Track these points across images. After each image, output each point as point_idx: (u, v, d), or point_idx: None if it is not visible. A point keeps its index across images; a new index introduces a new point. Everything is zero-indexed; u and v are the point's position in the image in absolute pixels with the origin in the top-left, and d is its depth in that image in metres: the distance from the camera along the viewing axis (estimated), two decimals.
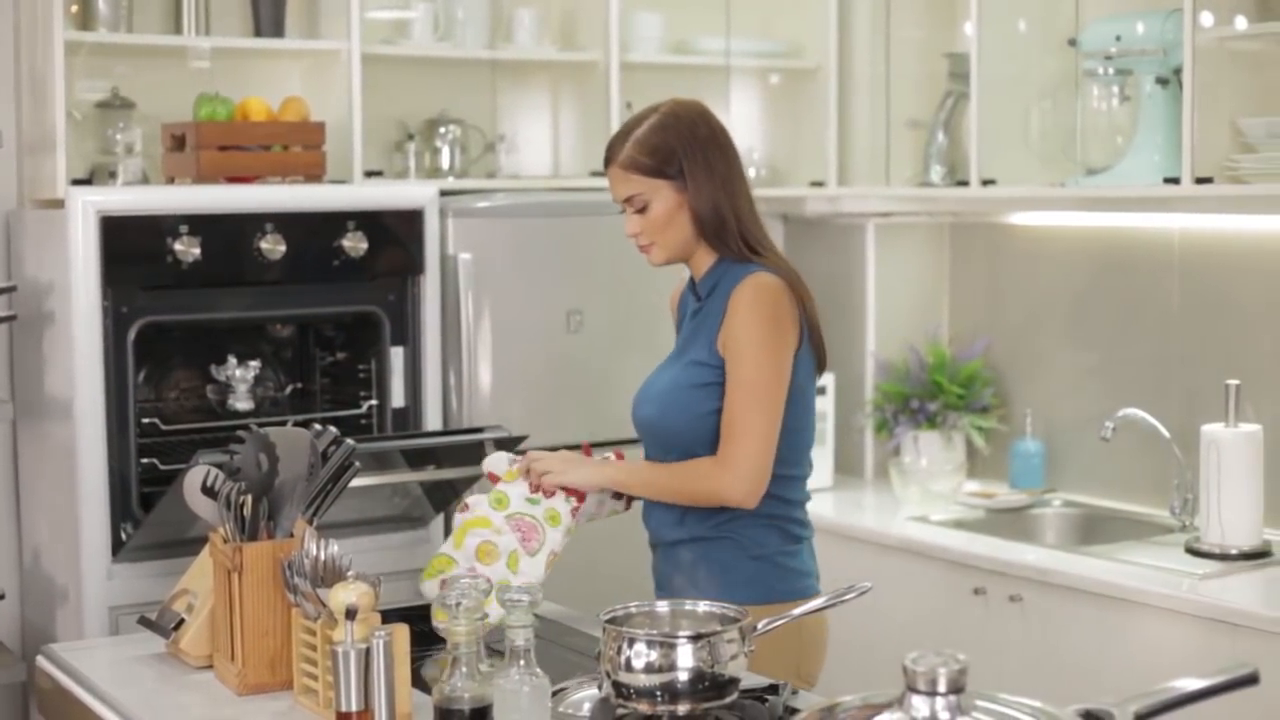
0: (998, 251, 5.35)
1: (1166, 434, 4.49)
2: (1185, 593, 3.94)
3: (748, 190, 3.31)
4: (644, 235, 3.28)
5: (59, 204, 4.10)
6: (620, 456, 3.36)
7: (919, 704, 1.97)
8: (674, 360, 3.36)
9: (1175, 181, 4.33)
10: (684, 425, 3.23)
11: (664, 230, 3.25)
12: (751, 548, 3.26)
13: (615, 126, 5.05)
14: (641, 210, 3.26)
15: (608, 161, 3.29)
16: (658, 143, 3.23)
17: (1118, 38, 4.53)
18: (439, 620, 2.89)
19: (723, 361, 3.20)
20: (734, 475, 3.17)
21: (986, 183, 4.86)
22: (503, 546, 3.15)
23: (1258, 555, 4.18)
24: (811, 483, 5.31)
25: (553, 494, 3.22)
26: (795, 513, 3.33)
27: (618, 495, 3.33)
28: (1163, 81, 4.45)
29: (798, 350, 3.23)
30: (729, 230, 3.25)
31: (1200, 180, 4.27)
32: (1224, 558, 4.17)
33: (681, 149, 3.22)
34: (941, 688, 1.96)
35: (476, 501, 3.24)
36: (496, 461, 3.30)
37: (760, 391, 3.17)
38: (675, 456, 3.25)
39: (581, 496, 3.24)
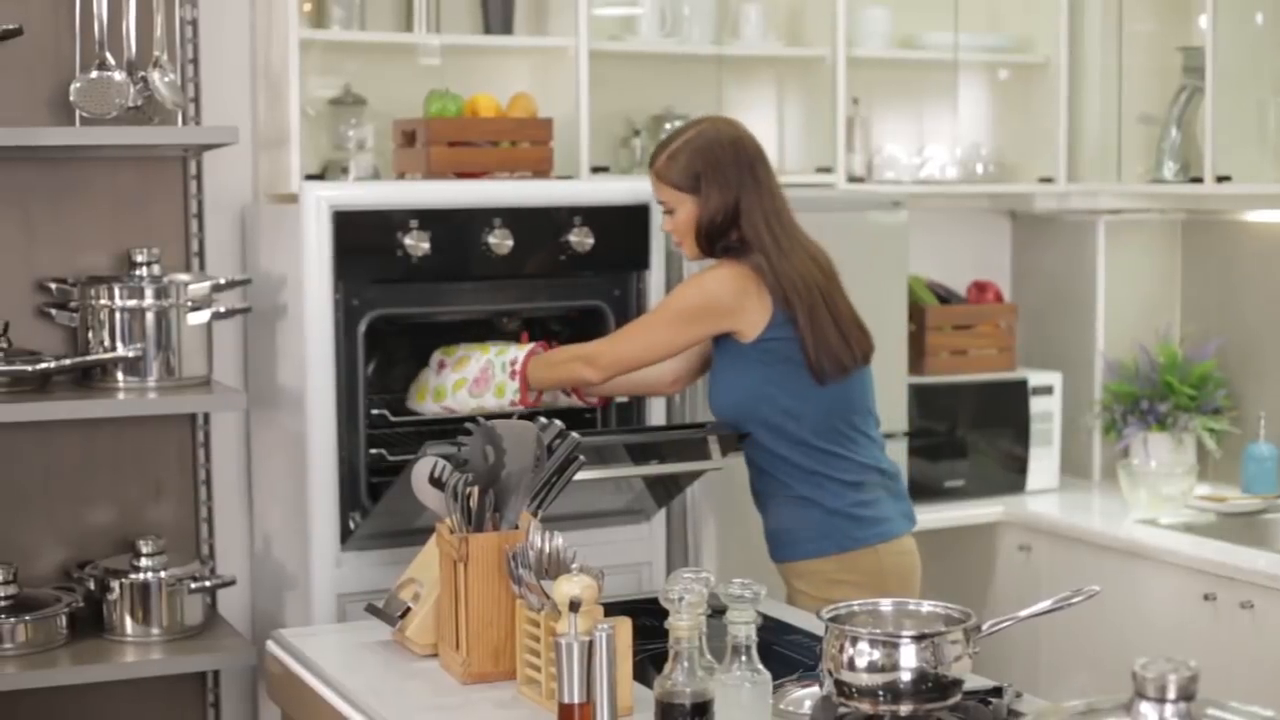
0: (1232, 250, 5.24)
1: None
2: None
3: (768, 203, 3.75)
4: (675, 235, 3.80)
5: (293, 199, 4.18)
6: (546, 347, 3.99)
7: (1148, 710, 1.94)
8: None
9: None
10: (733, 403, 3.78)
11: (687, 234, 3.76)
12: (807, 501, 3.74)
13: (842, 123, 5.07)
14: (671, 213, 3.77)
15: (649, 168, 3.83)
16: (685, 161, 3.72)
17: None
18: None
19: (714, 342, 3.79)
20: (596, 355, 3.83)
21: (1221, 179, 4.76)
22: (469, 370, 3.99)
23: None
24: (1038, 483, 5.26)
25: (514, 377, 3.90)
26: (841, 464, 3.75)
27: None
28: None
29: (765, 331, 3.67)
30: (715, 241, 3.74)
31: None
32: None
33: (703, 167, 3.71)
34: (1171, 694, 1.93)
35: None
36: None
37: (653, 318, 3.82)
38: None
39: (524, 389, 3.91)
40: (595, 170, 4.78)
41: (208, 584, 4.19)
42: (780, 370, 3.68)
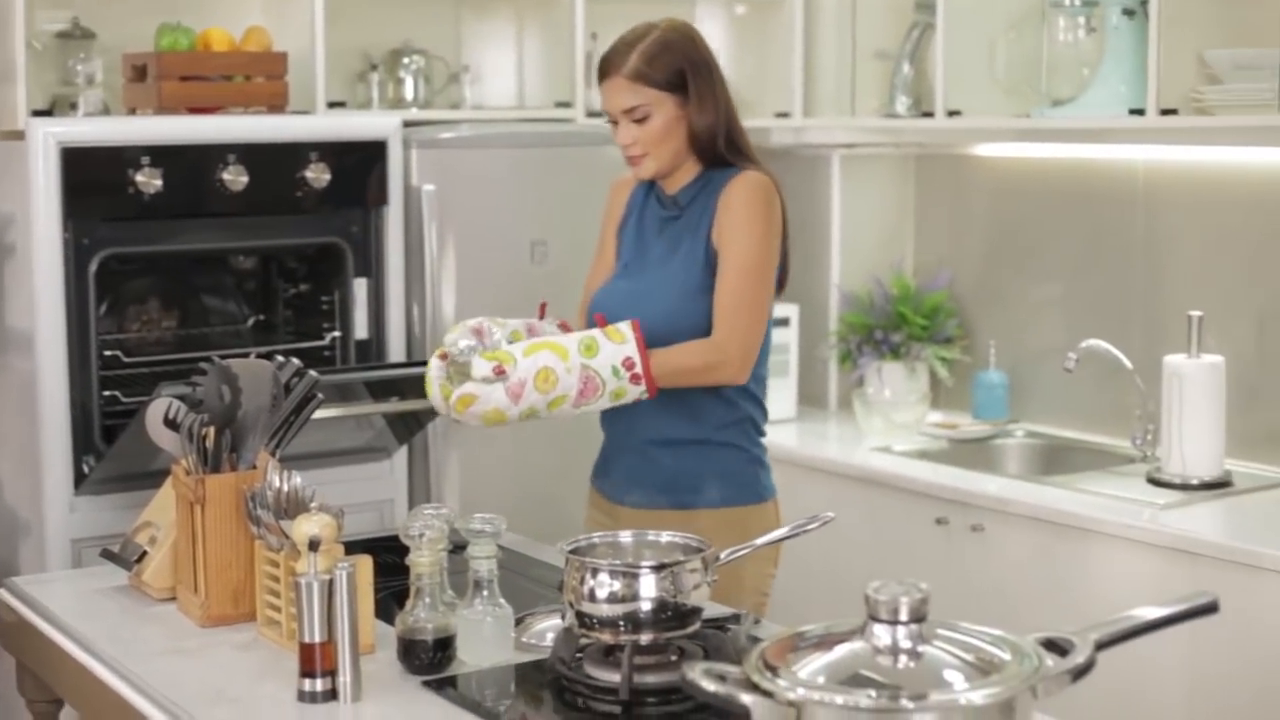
0: (963, 183, 5.35)
1: (1129, 365, 4.51)
2: (1146, 522, 3.96)
3: (734, 105, 3.44)
4: (639, 146, 3.36)
5: (19, 135, 4.07)
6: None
7: (881, 633, 1.99)
8: (659, 265, 3.41)
9: (1140, 113, 4.33)
10: (697, 332, 3.31)
11: (661, 143, 3.36)
12: (749, 449, 3.43)
13: (580, 57, 5.05)
14: (640, 121, 3.34)
15: (608, 72, 3.37)
16: (667, 58, 3.34)
17: None
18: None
19: (716, 256, 3.32)
20: (735, 353, 3.27)
21: (952, 114, 4.85)
22: (562, 386, 3.14)
23: (1218, 485, 4.21)
24: (775, 414, 5.35)
25: (637, 380, 3.19)
26: (761, 413, 3.48)
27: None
28: (1129, 13, 4.45)
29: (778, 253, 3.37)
30: (719, 144, 3.38)
31: (1165, 112, 4.27)
32: (1185, 488, 4.20)
33: (687, 65, 3.35)
34: (903, 616, 1.98)
35: (568, 331, 3.36)
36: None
37: (756, 274, 3.30)
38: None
39: (653, 390, 3.22)
40: (332, 105, 4.72)
41: None
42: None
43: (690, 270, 3.34)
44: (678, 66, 3.34)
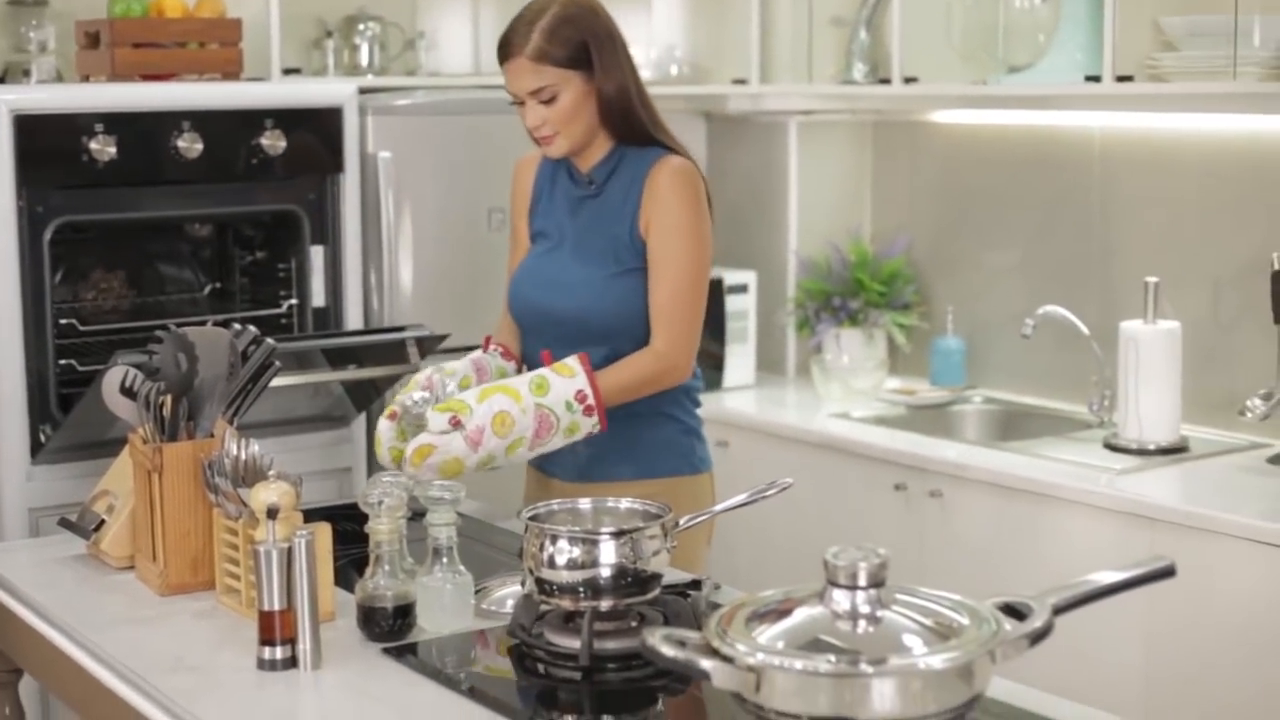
0: (920, 149, 5.35)
1: (1086, 331, 4.53)
2: (1103, 487, 3.98)
3: (640, 76, 3.37)
4: (549, 126, 3.27)
5: None
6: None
7: (840, 598, 2.00)
8: (578, 245, 3.36)
9: (1096, 79, 4.34)
10: (622, 313, 3.29)
11: (571, 121, 3.27)
12: (684, 421, 3.43)
13: None
14: (548, 101, 3.25)
15: (509, 54, 3.26)
16: (569, 34, 3.23)
17: None
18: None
19: (644, 245, 3.28)
20: (682, 358, 3.28)
21: (909, 80, 4.85)
22: (519, 428, 3.07)
23: (1175, 450, 4.23)
24: (734, 380, 5.34)
25: (590, 413, 3.15)
26: (698, 384, 3.47)
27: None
28: None
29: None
30: (634, 117, 3.31)
31: (1121, 78, 4.28)
32: (1141, 453, 4.22)
33: (590, 38, 3.25)
34: (862, 581, 1.99)
35: (510, 357, 3.40)
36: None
37: (694, 275, 3.28)
38: (601, 346, 3.25)
39: (605, 424, 3.18)
40: (287, 72, 4.70)
41: None
42: None
43: (615, 252, 3.30)
44: (580, 40, 3.23)
